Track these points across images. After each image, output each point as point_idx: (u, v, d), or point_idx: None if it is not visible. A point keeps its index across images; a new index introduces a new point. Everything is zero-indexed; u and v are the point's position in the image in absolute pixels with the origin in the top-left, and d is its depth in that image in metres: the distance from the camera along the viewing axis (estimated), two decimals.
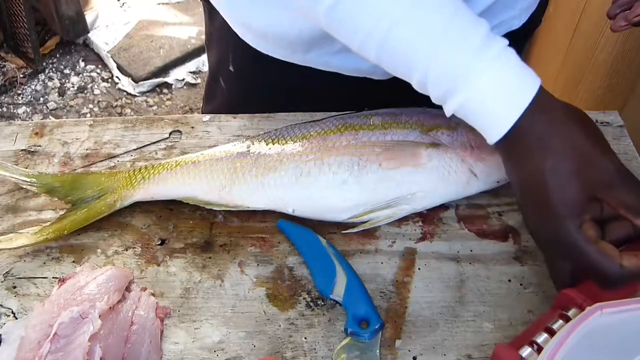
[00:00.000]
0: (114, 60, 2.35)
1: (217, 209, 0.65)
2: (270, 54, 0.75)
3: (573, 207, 0.51)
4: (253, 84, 0.84)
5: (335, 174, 0.63)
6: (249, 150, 0.66)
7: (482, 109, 0.53)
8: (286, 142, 0.66)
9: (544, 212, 0.52)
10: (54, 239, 0.63)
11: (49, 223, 0.63)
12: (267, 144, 0.66)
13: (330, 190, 0.63)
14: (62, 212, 0.65)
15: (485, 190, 0.67)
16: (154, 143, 0.73)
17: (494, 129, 0.53)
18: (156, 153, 0.72)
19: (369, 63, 0.57)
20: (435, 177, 0.64)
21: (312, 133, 0.66)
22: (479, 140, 0.58)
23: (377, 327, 0.56)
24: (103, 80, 2.33)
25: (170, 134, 0.74)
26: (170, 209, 0.67)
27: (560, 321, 0.51)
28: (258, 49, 0.76)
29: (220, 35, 0.83)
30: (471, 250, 0.64)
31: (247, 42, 0.76)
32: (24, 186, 0.67)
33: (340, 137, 0.65)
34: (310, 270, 0.61)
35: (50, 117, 2.17)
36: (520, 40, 0.78)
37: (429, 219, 0.66)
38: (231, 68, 0.83)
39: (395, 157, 0.63)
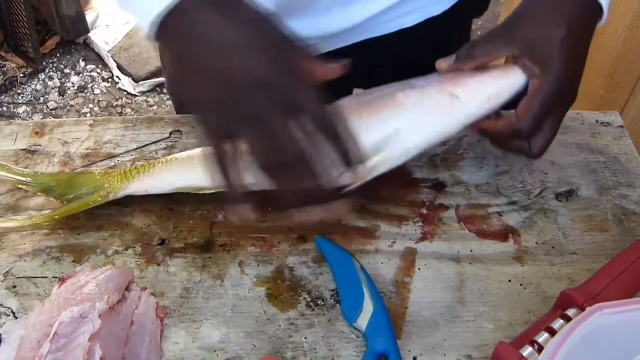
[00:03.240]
0: (114, 60, 2.35)
1: (209, 191, 0.64)
2: None
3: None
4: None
5: None
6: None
7: None
8: None
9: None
10: (44, 223, 0.64)
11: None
12: None
13: None
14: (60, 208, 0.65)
15: (478, 115, 0.61)
16: (154, 143, 0.74)
17: (144, 18, 0.49)
18: (156, 153, 0.72)
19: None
20: (417, 110, 0.60)
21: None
22: (455, 75, 0.58)
23: None
24: (103, 79, 2.33)
25: (170, 133, 0.74)
26: (171, 209, 0.67)
27: (561, 321, 0.51)
28: None
29: None
30: (471, 250, 0.64)
31: None
32: (20, 185, 0.67)
33: None
34: (339, 294, 0.60)
35: (51, 116, 2.17)
36: (452, 27, 0.77)
37: (429, 219, 0.67)
38: None
39: (374, 105, 0.61)
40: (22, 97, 2.26)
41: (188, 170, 0.65)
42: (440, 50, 0.64)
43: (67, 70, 2.35)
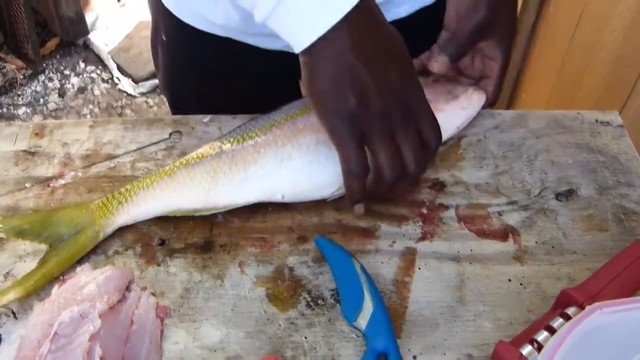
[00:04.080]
0: (114, 61, 2.35)
1: (206, 213, 0.64)
2: (192, 24, 0.76)
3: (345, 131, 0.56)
4: (183, 55, 0.84)
5: (315, 151, 0.64)
6: (222, 151, 0.65)
7: (294, 15, 0.53)
8: (257, 134, 0.66)
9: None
10: (43, 285, 0.59)
11: (32, 270, 0.59)
12: (238, 142, 0.66)
13: (315, 167, 0.64)
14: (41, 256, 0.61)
15: (450, 134, 0.72)
16: (154, 144, 0.74)
17: (302, 36, 0.53)
18: (156, 154, 0.72)
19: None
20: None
21: (279, 120, 0.66)
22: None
23: None
24: (103, 81, 2.34)
25: (170, 134, 0.75)
26: None
27: (561, 320, 0.51)
28: (179, 17, 0.77)
29: (153, 2, 0.83)
30: (471, 250, 0.64)
31: (168, 7, 0.77)
32: None
33: (309, 117, 0.65)
34: (339, 294, 0.60)
35: (51, 118, 2.17)
36: (431, 21, 0.78)
37: (429, 218, 0.67)
38: (164, 37, 0.83)
39: None
40: (22, 98, 2.26)
41: (172, 193, 0.64)
42: (429, 43, 0.67)
43: (67, 72, 2.35)
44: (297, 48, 0.54)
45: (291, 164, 0.64)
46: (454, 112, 0.71)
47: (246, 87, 0.82)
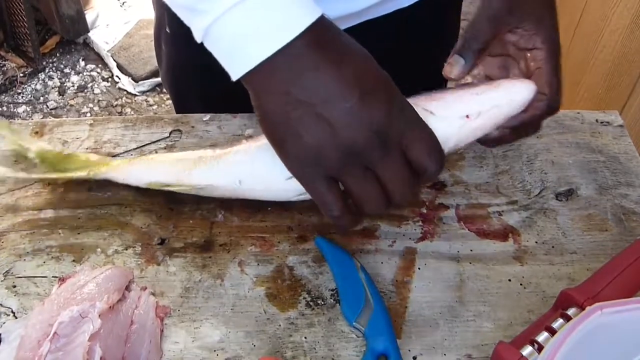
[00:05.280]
0: (114, 60, 2.35)
1: (175, 189, 0.64)
2: None
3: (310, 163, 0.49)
4: (187, 48, 0.83)
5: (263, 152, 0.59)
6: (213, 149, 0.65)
7: (233, 39, 0.46)
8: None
9: (282, 155, 0.51)
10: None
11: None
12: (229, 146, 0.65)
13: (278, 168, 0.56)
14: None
15: (459, 139, 0.57)
16: (154, 142, 0.74)
17: (235, 64, 0.47)
18: (156, 152, 0.72)
19: None
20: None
21: None
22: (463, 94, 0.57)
23: None
24: (103, 79, 2.33)
25: (170, 133, 0.74)
26: (171, 209, 0.67)
27: (561, 320, 0.51)
28: None
29: None
30: (471, 250, 0.64)
31: None
32: (17, 149, 0.70)
33: None
34: (339, 294, 0.60)
35: (51, 116, 2.17)
36: (446, 6, 0.76)
37: (429, 218, 0.67)
38: (167, 29, 0.82)
39: None
40: (22, 96, 2.26)
41: (157, 165, 0.66)
42: (434, 32, 0.64)
43: (67, 70, 2.35)
44: (232, 75, 0.48)
45: (259, 155, 0.60)
46: (488, 98, 0.58)
47: None
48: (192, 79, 0.87)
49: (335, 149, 0.47)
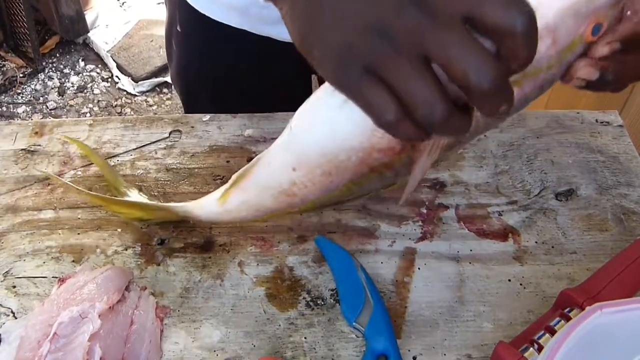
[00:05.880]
0: (114, 60, 2.35)
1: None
2: (208, 14, 0.75)
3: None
4: (198, 47, 0.83)
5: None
6: None
7: None
8: None
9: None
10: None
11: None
12: None
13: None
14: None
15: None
16: (153, 142, 0.73)
17: None
18: (156, 153, 0.72)
19: None
20: None
21: None
22: None
23: None
24: (103, 79, 2.33)
25: (170, 133, 0.74)
26: None
27: (561, 320, 0.51)
28: (196, 7, 0.75)
29: None
30: (471, 250, 0.64)
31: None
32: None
33: None
34: (339, 294, 0.60)
35: (50, 116, 2.17)
36: None
37: (429, 218, 0.67)
38: (179, 28, 0.82)
39: None
40: (22, 97, 2.26)
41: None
42: None
43: (66, 70, 2.35)
44: None
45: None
46: None
47: (259, 82, 0.81)
48: (202, 77, 0.87)
49: (364, 28, 0.36)
